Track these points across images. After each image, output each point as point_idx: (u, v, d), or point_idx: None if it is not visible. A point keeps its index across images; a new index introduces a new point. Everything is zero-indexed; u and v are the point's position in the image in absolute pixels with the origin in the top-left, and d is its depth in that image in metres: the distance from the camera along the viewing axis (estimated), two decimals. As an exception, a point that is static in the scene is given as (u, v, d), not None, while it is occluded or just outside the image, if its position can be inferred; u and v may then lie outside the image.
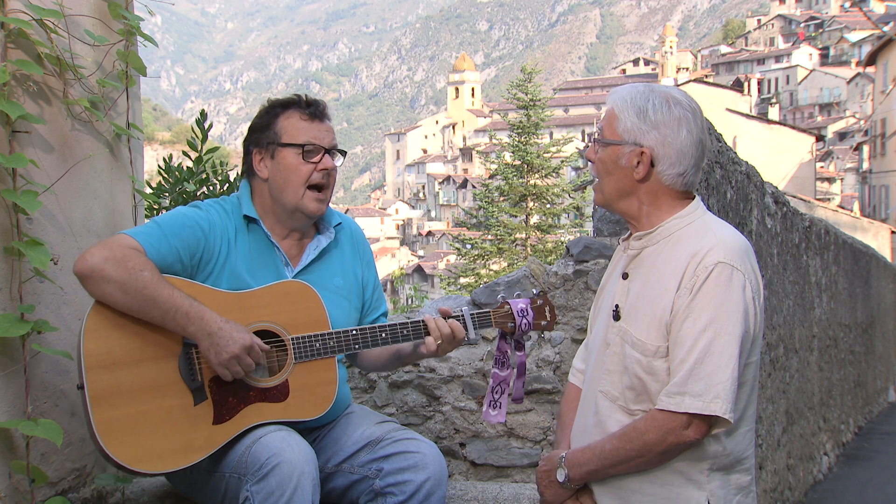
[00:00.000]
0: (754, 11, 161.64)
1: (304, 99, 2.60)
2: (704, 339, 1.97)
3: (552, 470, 2.19)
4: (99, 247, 2.28)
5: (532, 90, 31.38)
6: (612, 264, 2.38)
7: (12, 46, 2.39)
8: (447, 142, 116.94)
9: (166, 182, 4.39)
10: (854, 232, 20.98)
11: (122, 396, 2.25)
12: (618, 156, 2.12)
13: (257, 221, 2.55)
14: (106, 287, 2.24)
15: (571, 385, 2.44)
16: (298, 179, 2.51)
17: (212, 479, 2.39)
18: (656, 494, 2.08)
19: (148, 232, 2.38)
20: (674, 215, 2.14)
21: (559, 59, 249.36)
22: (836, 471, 8.29)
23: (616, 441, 2.07)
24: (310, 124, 2.55)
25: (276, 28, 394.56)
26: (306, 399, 2.40)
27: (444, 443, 3.55)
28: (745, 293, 2.02)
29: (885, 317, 14.01)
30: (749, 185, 4.72)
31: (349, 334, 2.45)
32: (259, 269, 2.51)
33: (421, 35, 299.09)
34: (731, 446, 2.09)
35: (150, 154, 43.89)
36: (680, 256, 2.05)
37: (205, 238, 2.46)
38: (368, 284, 2.75)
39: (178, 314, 2.26)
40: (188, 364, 2.32)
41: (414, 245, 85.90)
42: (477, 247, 30.17)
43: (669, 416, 1.99)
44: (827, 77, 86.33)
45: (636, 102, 2.11)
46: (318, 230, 2.66)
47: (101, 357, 2.25)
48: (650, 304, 2.07)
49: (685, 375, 1.98)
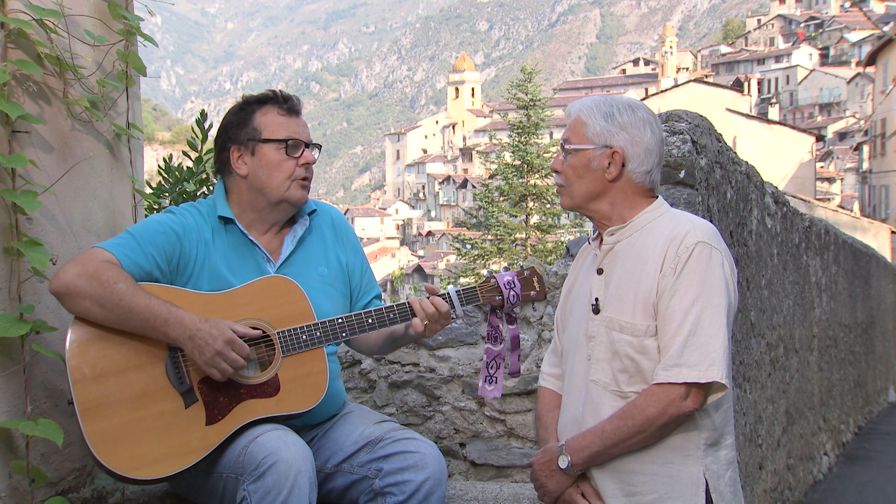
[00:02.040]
0: (754, 11, 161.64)
1: (279, 94, 2.59)
2: (694, 313, 2.09)
3: (552, 459, 2.22)
4: (71, 263, 2.30)
5: (532, 90, 31.42)
6: (575, 268, 2.47)
7: (12, 46, 2.39)
8: (447, 142, 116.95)
9: (166, 182, 4.40)
10: (854, 232, 20.98)
11: (112, 406, 2.25)
12: (588, 159, 2.23)
13: (233, 221, 2.55)
14: (82, 303, 2.26)
15: (545, 389, 2.48)
16: (282, 175, 2.52)
17: (210, 479, 2.39)
18: (657, 473, 2.14)
19: (122, 243, 2.38)
20: (644, 210, 2.25)
21: (559, 59, 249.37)
22: (836, 471, 8.29)
23: (617, 420, 2.13)
24: (288, 119, 2.55)
25: (276, 28, 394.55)
26: (298, 391, 2.40)
27: (444, 443, 3.55)
28: (724, 269, 2.15)
29: (885, 317, 14.01)
30: (749, 185, 4.72)
31: (335, 323, 2.45)
32: (240, 268, 2.51)
33: (421, 35, 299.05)
34: (719, 421, 2.19)
35: (150, 154, 43.89)
36: (657, 242, 2.17)
37: (180, 243, 2.47)
38: (356, 269, 2.74)
39: (157, 321, 2.27)
40: (175, 368, 2.33)
41: (414, 245, 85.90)
42: (477, 247, 30.19)
43: (668, 388, 2.08)
44: (827, 77, 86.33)
45: (601, 108, 2.25)
46: (293, 220, 2.66)
47: (87, 370, 2.26)
48: (632, 289, 2.18)
49: (679, 348, 2.08)
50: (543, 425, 2.41)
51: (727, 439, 2.23)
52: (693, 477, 2.14)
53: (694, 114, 3.65)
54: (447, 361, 3.58)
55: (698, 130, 3.53)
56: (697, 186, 3.42)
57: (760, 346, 5.01)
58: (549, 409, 2.42)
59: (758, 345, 4.91)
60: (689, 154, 3.39)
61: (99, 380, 2.26)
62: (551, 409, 2.41)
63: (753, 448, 4.69)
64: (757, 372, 4.87)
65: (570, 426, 2.28)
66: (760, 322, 5.02)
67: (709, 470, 2.15)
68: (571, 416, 2.29)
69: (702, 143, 3.56)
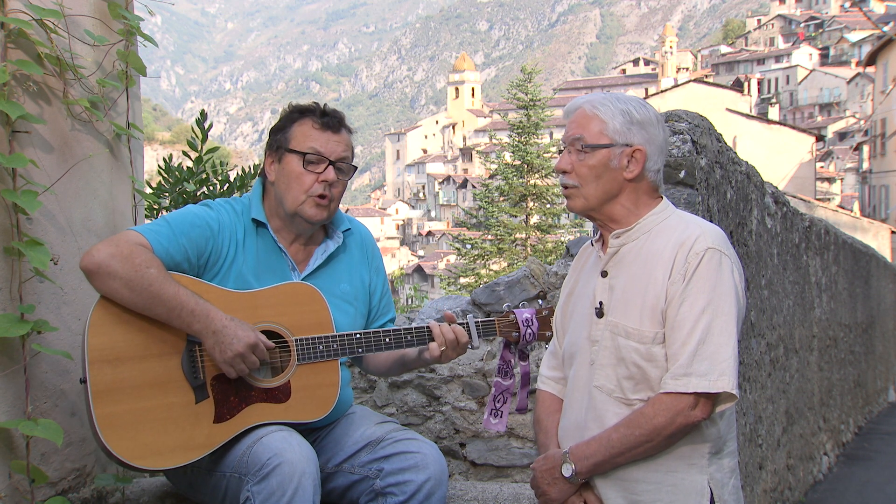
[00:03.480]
0: (754, 11, 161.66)
1: (320, 108, 2.59)
2: (703, 322, 2.05)
3: (555, 467, 2.18)
4: (106, 243, 2.29)
5: (532, 90, 31.42)
6: (575, 269, 2.42)
7: (12, 46, 2.39)
8: (447, 142, 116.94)
9: (166, 182, 4.40)
10: (854, 232, 20.98)
11: (124, 392, 2.25)
12: (609, 158, 2.17)
13: (265, 225, 2.55)
14: (112, 283, 2.24)
15: (544, 392, 2.44)
16: (300, 187, 2.50)
17: (212, 478, 2.39)
18: (661, 482, 2.11)
19: (157, 229, 2.37)
20: (650, 212, 2.21)
21: (559, 59, 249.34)
22: (836, 471, 8.29)
23: (623, 429, 2.09)
24: (320, 133, 2.53)
25: (276, 28, 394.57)
26: (307, 401, 2.40)
27: (444, 443, 3.55)
28: (734, 276, 2.12)
29: (885, 317, 14.01)
30: (749, 185, 4.72)
31: (353, 338, 2.45)
32: (265, 273, 2.50)
33: (421, 35, 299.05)
34: (724, 429, 2.17)
35: (150, 154, 43.93)
36: (664, 247, 2.13)
37: (213, 238, 2.46)
38: (377, 290, 2.73)
39: (183, 311, 2.26)
40: (191, 362, 2.32)
41: (414, 245, 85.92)
42: (477, 247, 30.19)
43: (677, 397, 2.05)
44: (827, 77, 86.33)
45: (617, 105, 2.19)
46: (327, 234, 2.65)
47: (105, 352, 2.25)
48: (639, 295, 2.13)
49: (689, 357, 2.05)
50: (543, 430, 2.37)
51: (730, 446, 2.20)
52: (697, 486, 2.11)
53: (694, 114, 3.65)
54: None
55: (698, 130, 3.53)
56: (697, 186, 3.42)
57: (760, 346, 5.01)
58: (549, 413, 2.38)
59: (758, 345, 4.91)
60: (689, 154, 3.39)
61: (115, 363, 2.25)
62: (551, 412, 2.37)
63: (753, 448, 4.69)
64: (757, 372, 4.87)
65: (572, 432, 2.24)
66: (760, 322, 5.02)
67: (713, 478, 2.13)
68: (573, 421, 2.25)
69: (702, 143, 3.56)
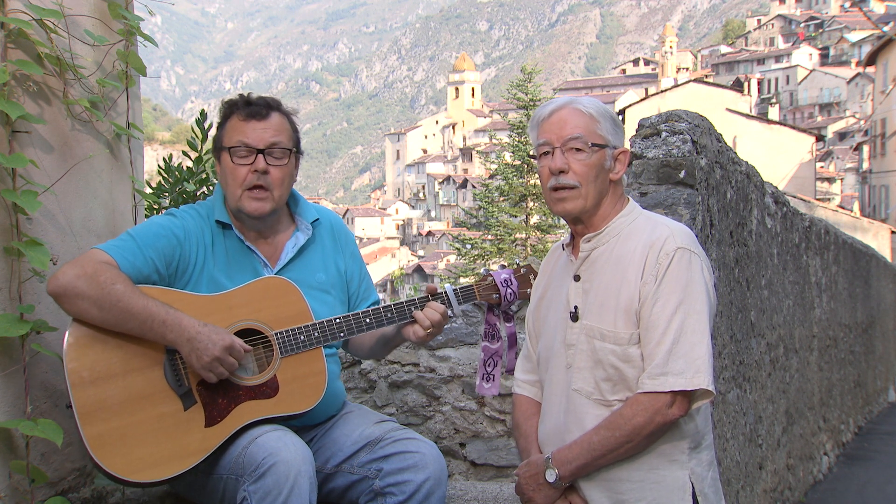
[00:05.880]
0: (754, 11, 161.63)
1: (244, 98, 2.56)
2: (677, 321, 2.09)
3: (539, 473, 2.21)
4: (70, 265, 2.29)
5: (532, 90, 31.43)
6: (544, 273, 2.44)
7: (12, 46, 2.39)
8: (447, 142, 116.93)
9: (166, 182, 4.40)
10: (854, 232, 20.98)
11: (110, 409, 2.25)
12: (604, 159, 2.22)
13: (230, 226, 2.55)
14: (80, 304, 2.25)
15: (521, 396, 2.46)
16: (235, 182, 2.49)
17: (210, 480, 2.39)
18: (644, 479, 2.15)
19: (121, 245, 2.37)
20: (618, 214, 2.25)
21: (559, 59, 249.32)
22: (836, 471, 8.28)
23: (604, 431, 2.12)
24: (245, 124, 2.50)
25: (276, 28, 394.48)
26: (296, 392, 2.40)
27: (444, 443, 3.55)
28: (704, 274, 2.16)
29: (885, 317, 14.00)
30: (749, 185, 4.72)
31: (333, 323, 2.45)
32: (237, 273, 2.50)
33: (421, 35, 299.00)
34: (701, 424, 2.21)
35: (150, 154, 43.87)
36: (635, 249, 2.17)
37: (180, 246, 2.46)
38: (354, 276, 2.73)
39: (154, 323, 2.26)
40: (174, 370, 2.32)
41: (414, 245, 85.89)
42: (477, 247, 30.22)
43: (654, 397, 2.08)
44: (827, 77, 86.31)
45: (600, 107, 2.26)
46: (296, 227, 2.65)
47: (85, 373, 2.25)
48: (613, 297, 2.17)
49: (665, 357, 2.08)
50: (523, 434, 2.39)
51: (707, 439, 2.24)
52: (679, 482, 2.15)
53: (694, 114, 3.65)
54: (447, 361, 3.58)
55: (698, 130, 3.53)
56: (697, 186, 3.42)
57: (760, 346, 5.00)
58: (528, 417, 2.40)
59: (758, 345, 4.91)
60: (689, 154, 3.39)
61: (97, 383, 2.26)
62: (529, 416, 2.40)
63: (753, 448, 4.69)
64: (757, 372, 4.87)
65: (553, 436, 2.26)
66: (760, 322, 5.02)
67: (693, 473, 2.17)
68: (553, 425, 2.27)
69: (702, 143, 3.56)
